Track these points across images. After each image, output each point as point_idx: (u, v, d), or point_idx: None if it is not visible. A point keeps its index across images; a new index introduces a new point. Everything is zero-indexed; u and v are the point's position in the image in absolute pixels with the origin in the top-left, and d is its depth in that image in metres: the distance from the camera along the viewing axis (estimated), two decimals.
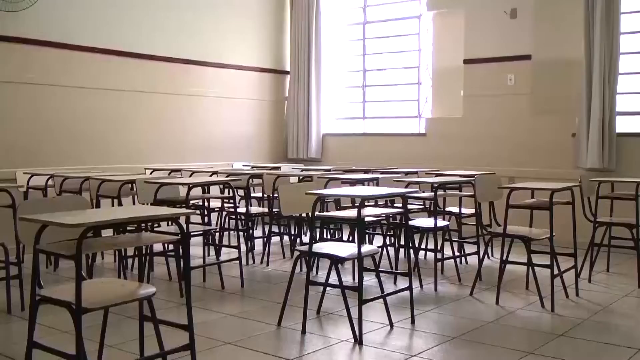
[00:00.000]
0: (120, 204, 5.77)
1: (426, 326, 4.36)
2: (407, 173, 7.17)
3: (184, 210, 4.36)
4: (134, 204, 6.43)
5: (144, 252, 4.26)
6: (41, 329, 3.59)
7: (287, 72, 9.94)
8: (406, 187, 5.66)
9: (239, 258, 5.65)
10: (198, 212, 6.05)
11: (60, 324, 4.19)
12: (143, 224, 4.05)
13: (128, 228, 4.02)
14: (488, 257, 6.56)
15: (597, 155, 7.20)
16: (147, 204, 5.41)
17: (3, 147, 6.81)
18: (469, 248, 6.52)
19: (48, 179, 6.45)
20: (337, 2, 9.81)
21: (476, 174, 5.93)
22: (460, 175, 6.40)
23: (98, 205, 5.96)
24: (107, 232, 3.24)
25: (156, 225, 6.02)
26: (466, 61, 8.37)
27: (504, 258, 4.99)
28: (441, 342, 4.01)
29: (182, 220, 3.47)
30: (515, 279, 5.67)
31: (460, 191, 6.41)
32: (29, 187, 6.50)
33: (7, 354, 3.81)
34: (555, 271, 4.89)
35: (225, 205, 6.95)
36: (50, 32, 7.15)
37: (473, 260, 6.36)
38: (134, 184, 5.72)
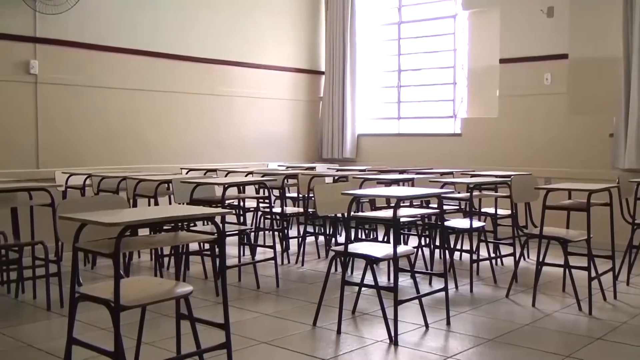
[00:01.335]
0: (156, 203, 5.84)
1: (462, 327, 4.34)
2: (442, 173, 7.14)
3: (220, 210, 4.39)
4: (170, 203, 6.49)
5: (180, 251, 4.30)
6: (80, 325, 3.64)
7: (322, 73, 9.96)
8: (441, 187, 5.64)
9: (274, 258, 5.67)
10: (234, 211, 6.08)
11: (98, 321, 4.26)
12: (179, 224, 4.08)
13: (164, 227, 4.06)
14: (524, 259, 6.50)
15: (635, 156, 7.09)
16: (183, 204, 5.46)
17: (42, 148, 6.93)
18: (504, 249, 6.46)
19: (86, 179, 6.53)
20: (372, 2, 9.79)
21: (512, 175, 5.88)
22: (496, 176, 6.35)
23: (135, 205, 6.02)
24: (143, 231, 3.28)
25: (192, 224, 6.07)
26: (502, 60, 8.30)
27: (541, 260, 4.95)
28: (477, 344, 3.99)
29: (218, 219, 3.49)
30: (551, 281, 5.62)
31: (496, 192, 6.37)
32: (67, 186, 6.59)
33: (47, 350, 3.87)
34: (593, 274, 4.84)
35: (261, 205, 6.99)
36: (88, 34, 7.25)
37: (509, 261, 6.31)
38: (170, 184, 5.78)
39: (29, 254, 5.25)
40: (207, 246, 5.82)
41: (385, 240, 6.08)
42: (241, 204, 6.45)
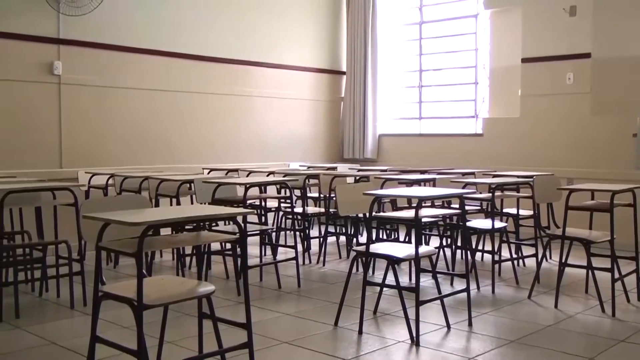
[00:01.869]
0: (178, 203, 5.86)
1: (483, 329, 4.32)
2: (464, 174, 7.12)
3: (242, 209, 4.40)
4: (191, 203, 6.52)
5: (202, 250, 4.32)
6: (103, 324, 3.67)
7: (344, 73, 9.96)
8: (463, 187, 5.62)
9: (295, 258, 5.68)
10: (255, 211, 6.10)
11: (121, 319, 4.29)
12: (201, 223, 4.10)
13: (186, 227, 4.08)
14: (546, 260, 6.47)
15: None
16: (205, 204, 5.48)
17: (66, 148, 6.99)
18: (526, 250, 6.43)
19: (108, 179, 6.58)
20: (394, 2, 9.77)
21: (534, 175, 5.85)
22: (518, 176, 6.32)
23: (157, 205, 6.06)
24: (165, 231, 3.30)
25: (214, 224, 6.09)
26: (524, 60, 8.25)
27: (563, 261, 4.91)
28: (499, 346, 3.97)
29: (240, 219, 3.50)
30: (574, 283, 5.58)
31: (518, 192, 6.33)
32: (90, 186, 6.64)
33: (71, 348, 3.91)
34: (616, 275, 4.80)
35: (282, 205, 7.00)
36: (110, 35, 7.30)
37: (531, 262, 6.27)
38: (192, 184, 5.81)
39: (52, 252, 5.30)
40: (228, 246, 5.85)
41: (406, 240, 6.08)
42: (262, 204, 6.47)
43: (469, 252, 5.28)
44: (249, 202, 5.80)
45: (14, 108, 6.68)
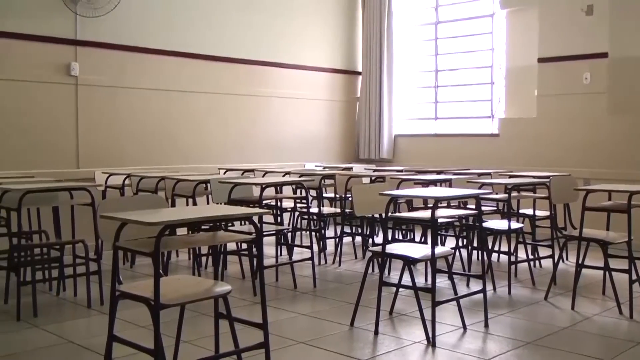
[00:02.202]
0: (194, 203, 5.89)
1: (500, 330, 4.30)
2: (479, 174, 7.09)
3: (258, 209, 4.41)
4: (207, 203, 6.54)
5: (218, 250, 4.33)
6: (119, 323, 3.69)
7: (359, 73, 9.95)
8: (479, 188, 5.60)
9: (311, 258, 5.69)
10: (271, 212, 6.11)
11: (138, 318, 4.31)
12: (217, 223, 4.12)
13: (202, 227, 4.09)
14: (563, 261, 6.44)
15: None
16: (221, 204, 5.50)
17: (82, 148, 7.03)
18: (543, 251, 6.40)
19: (125, 179, 6.61)
20: (409, 2, 9.75)
21: (551, 175, 5.82)
22: (534, 177, 6.29)
23: (173, 205, 6.08)
24: (181, 231, 3.31)
25: (230, 224, 6.11)
26: (540, 60, 8.22)
27: (580, 262, 4.89)
28: (515, 347, 3.95)
29: (256, 219, 3.51)
30: (591, 284, 5.55)
31: (535, 193, 6.30)
32: (106, 186, 6.68)
33: (88, 347, 3.94)
34: (634, 276, 4.76)
35: (298, 205, 7.00)
36: (126, 36, 7.34)
37: (547, 263, 6.25)
38: (208, 184, 5.82)
39: (69, 252, 5.34)
40: (244, 246, 5.86)
41: (422, 241, 6.06)
42: (278, 204, 6.48)
43: (485, 252, 5.27)
44: (264, 202, 5.82)
45: (32, 109, 6.73)
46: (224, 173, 7.48)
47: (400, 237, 6.86)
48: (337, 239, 6.72)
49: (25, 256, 5.06)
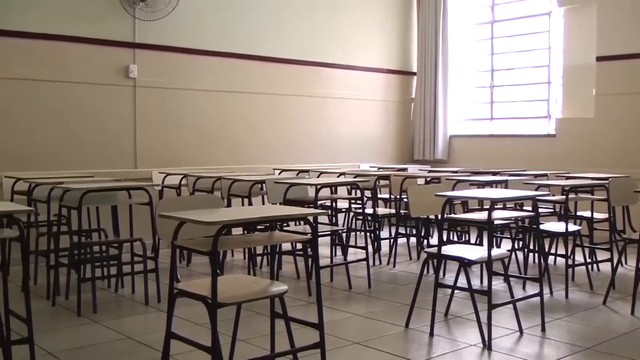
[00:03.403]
0: (250, 203, 5.94)
1: (557, 334, 4.24)
2: (536, 175, 7.00)
3: (314, 210, 4.43)
4: (262, 203, 6.58)
5: (275, 250, 4.36)
6: (176, 320, 3.74)
7: (414, 73, 9.91)
8: (536, 189, 5.52)
9: (366, 259, 5.68)
10: (328, 212, 6.13)
11: (193, 316, 4.37)
12: (273, 223, 4.15)
13: (257, 227, 4.13)
14: (622, 265, 6.28)
15: None
16: (277, 204, 5.53)
17: (140, 149, 7.16)
18: (601, 255, 6.27)
19: (182, 179, 6.70)
20: (465, 1, 9.67)
21: (610, 177, 5.71)
22: (593, 178, 6.18)
23: (229, 204, 6.14)
24: (235, 230, 3.34)
25: (285, 224, 6.14)
26: (599, 58, 8.05)
27: None
28: (573, 352, 3.88)
29: (311, 220, 3.53)
30: None
31: (593, 195, 6.19)
32: (163, 186, 6.78)
33: (146, 343, 4.01)
34: None
35: (353, 206, 7.01)
36: (183, 39, 7.46)
37: (606, 267, 6.12)
38: (263, 184, 5.86)
39: (128, 250, 5.44)
40: (298, 246, 5.88)
41: (477, 242, 6.01)
42: (333, 204, 6.49)
43: (541, 255, 5.19)
44: (319, 202, 5.84)
45: (92, 110, 6.88)
46: (279, 173, 7.53)
47: (455, 239, 6.81)
48: (392, 240, 6.70)
49: (85, 254, 5.17)
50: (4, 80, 6.38)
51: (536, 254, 6.19)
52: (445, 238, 5.93)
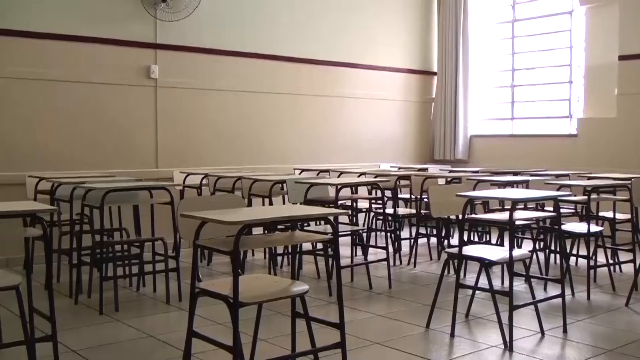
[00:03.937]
0: (270, 203, 5.95)
1: (579, 336, 4.21)
2: (557, 175, 6.95)
3: (335, 210, 4.43)
4: (283, 203, 6.60)
5: (296, 250, 4.37)
6: (198, 319, 3.76)
7: (435, 73, 9.88)
8: (557, 190, 5.49)
9: (386, 259, 5.68)
10: (348, 212, 6.12)
11: (214, 315, 4.39)
12: (294, 223, 4.16)
13: (278, 226, 4.13)
14: None
15: None
16: (297, 204, 5.54)
17: (161, 148, 7.21)
18: (623, 256, 6.22)
19: (202, 179, 6.72)
20: (485, 1, 9.63)
21: (632, 177, 5.66)
22: (615, 179, 6.13)
23: (250, 204, 6.16)
24: (256, 230, 3.35)
25: (305, 224, 6.15)
26: (621, 57, 7.98)
27: None
28: (595, 355, 3.86)
29: (332, 219, 3.53)
30: None
31: (615, 195, 6.14)
32: (184, 185, 6.80)
33: (167, 341, 4.03)
34: None
35: (373, 206, 7.00)
36: (203, 39, 7.50)
37: (628, 268, 6.07)
38: (284, 184, 5.87)
39: (149, 249, 5.47)
40: (319, 246, 5.89)
41: (498, 243, 5.98)
42: (354, 204, 6.49)
43: (563, 256, 5.16)
44: (340, 202, 5.83)
45: (114, 111, 6.93)
46: (299, 173, 7.54)
47: (476, 239, 6.79)
48: (412, 240, 6.69)
49: (107, 252, 5.20)
50: (29, 81, 6.44)
51: (558, 255, 6.16)
52: (466, 238, 5.89)
